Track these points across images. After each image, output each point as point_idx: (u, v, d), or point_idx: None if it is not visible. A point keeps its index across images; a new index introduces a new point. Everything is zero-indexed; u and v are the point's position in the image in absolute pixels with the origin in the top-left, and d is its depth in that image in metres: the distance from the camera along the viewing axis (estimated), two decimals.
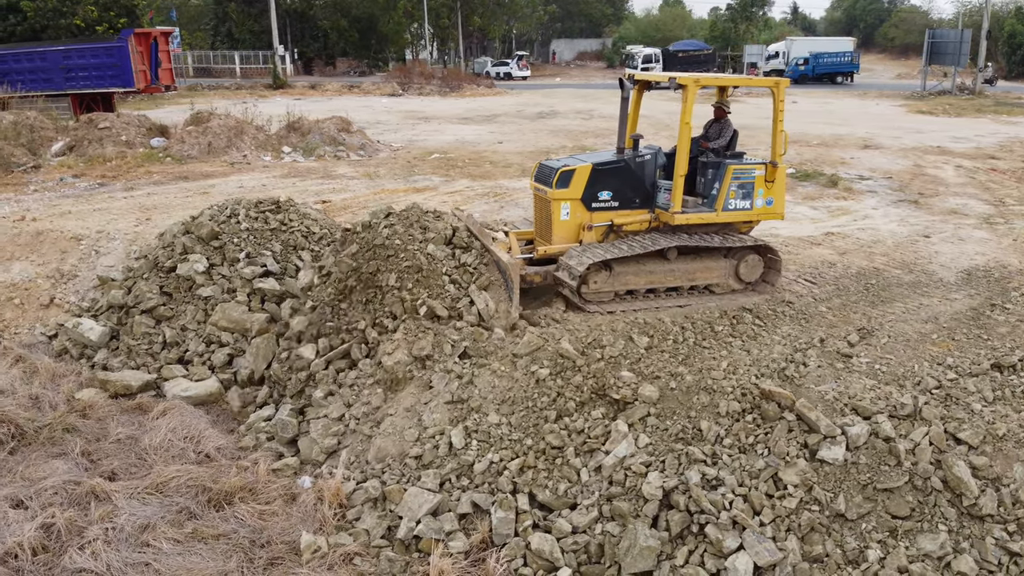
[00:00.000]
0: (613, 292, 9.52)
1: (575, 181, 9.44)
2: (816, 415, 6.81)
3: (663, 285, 9.71)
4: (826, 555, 6.24)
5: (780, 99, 9.89)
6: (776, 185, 9.93)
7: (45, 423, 8.98)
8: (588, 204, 9.59)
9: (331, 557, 6.84)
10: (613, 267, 9.38)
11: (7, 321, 11.94)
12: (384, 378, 8.54)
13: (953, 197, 16.86)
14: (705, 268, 9.84)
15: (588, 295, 9.38)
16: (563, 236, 9.68)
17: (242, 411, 9.43)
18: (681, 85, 9.38)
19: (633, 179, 9.73)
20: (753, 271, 10.04)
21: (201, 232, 11.13)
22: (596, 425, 7.37)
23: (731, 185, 9.66)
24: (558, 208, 9.53)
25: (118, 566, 6.74)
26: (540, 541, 6.67)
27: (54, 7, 37.40)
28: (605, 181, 9.58)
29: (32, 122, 22.30)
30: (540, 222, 10.12)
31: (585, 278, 9.22)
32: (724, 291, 9.93)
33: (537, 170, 9.99)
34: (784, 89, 9.98)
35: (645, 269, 9.59)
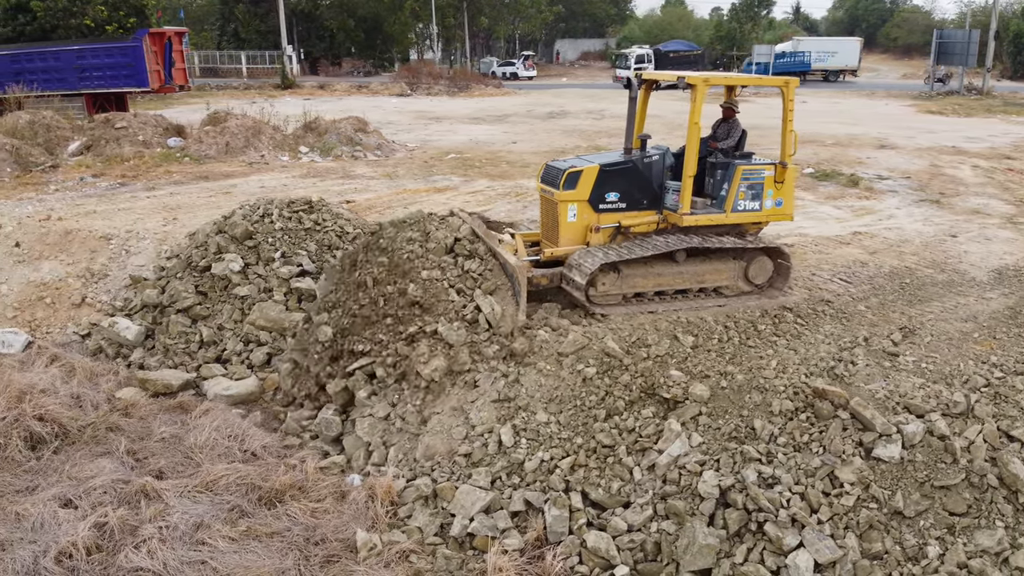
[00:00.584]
0: (621, 295, 9.38)
1: (582, 182, 9.28)
2: (871, 413, 6.83)
3: (672, 287, 9.56)
4: (885, 552, 6.27)
5: (790, 99, 9.74)
6: (786, 186, 9.77)
7: (88, 422, 9.02)
8: (595, 205, 9.43)
9: (387, 555, 6.86)
10: (621, 269, 9.24)
11: (39, 320, 11.97)
12: (423, 384, 8.53)
13: (974, 197, 16.89)
14: (714, 270, 9.70)
15: (596, 298, 9.23)
16: (570, 238, 9.51)
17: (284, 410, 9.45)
18: (691, 84, 9.22)
19: (641, 180, 9.56)
20: (763, 273, 9.89)
21: (235, 232, 11.15)
22: (647, 424, 7.39)
23: (740, 186, 9.52)
24: (565, 210, 9.37)
25: (175, 565, 6.76)
26: (596, 539, 6.69)
27: (64, 7, 37.38)
28: (612, 182, 9.42)
29: (48, 121, 22.30)
30: (547, 224, 9.93)
31: (593, 280, 9.08)
32: (733, 293, 9.78)
33: (544, 171, 9.83)
34: (794, 89, 9.82)
35: (653, 271, 9.43)
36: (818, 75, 58.18)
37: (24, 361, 10.61)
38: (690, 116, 9.24)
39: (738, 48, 66.65)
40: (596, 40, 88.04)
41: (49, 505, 7.57)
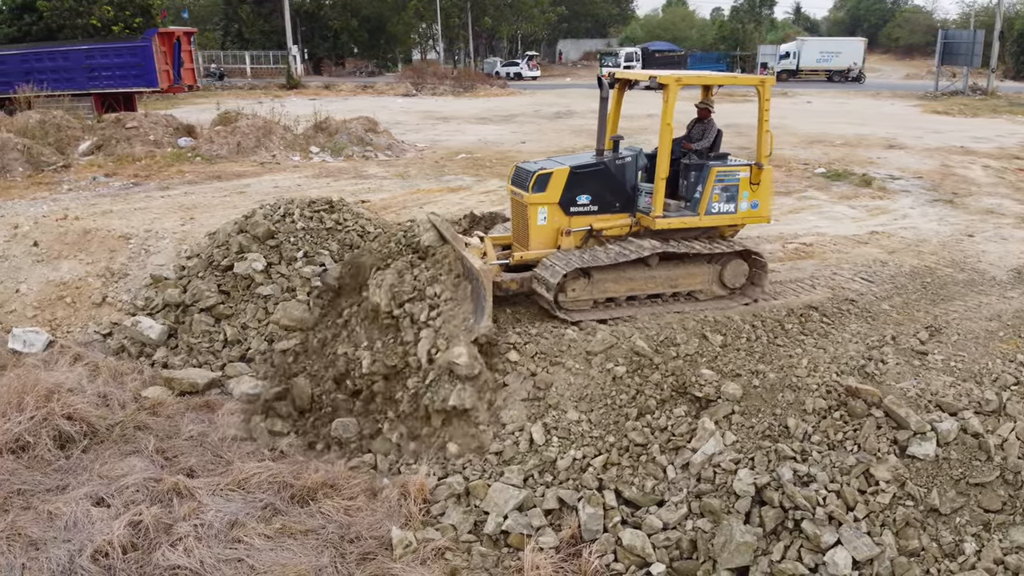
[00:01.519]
0: (592, 300, 9.19)
1: (552, 185, 9.04)
2: (906, 411, 6.86)
3: (644, 292, 9.35)
4: (922, 549, 6.30)
5: (766, 98, 9.47)
6: (762, 187, 9.54)
7: (116, 421, 9.05)
8: (566, 208, 9.19)
9: (423, 552, 6.88)
10: (592, 275, 9.04)
11: (59, 320, 11.98)
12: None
13: (987, 197, 16.92)
14: (688, 274, 9.48)
15: (566, 304, 9.05)
16: (540, 242, 9.28)
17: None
18: (662, 84, 8.99)
19: (613, 182, 9.33)
20: (738, 276, 9.68)
21: (257, 231, 11.17)
22: (680, 423, 7.42)
23: (715, 188, 9.30)
24: (535, 213, 9.12)
25: (211, 562, 6.78)
26: (631, 537, 6.72)
27: (70, 6, 37.45)
28: (584, 184, 9.17)
29: (59, 121, 22.32)
30: (517, 227, 9.68)
31: (563, 286, 8.91)
32: (708, 297, 9.60)
33: (514, 173, 9.56)
34: (770, 88, 9.55)
35: (625, 276, 9.19)
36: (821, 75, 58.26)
37: (47, 360, 10.62)
38: (662, 117, 9.01)
39: (741, 48, 66.74)
40: (598, 40, 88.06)
41: (81, 504, 7.59)
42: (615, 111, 9.99)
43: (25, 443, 8.47)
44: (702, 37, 76.50)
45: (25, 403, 8.87)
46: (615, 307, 9.26)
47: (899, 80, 62.00)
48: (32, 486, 8.07)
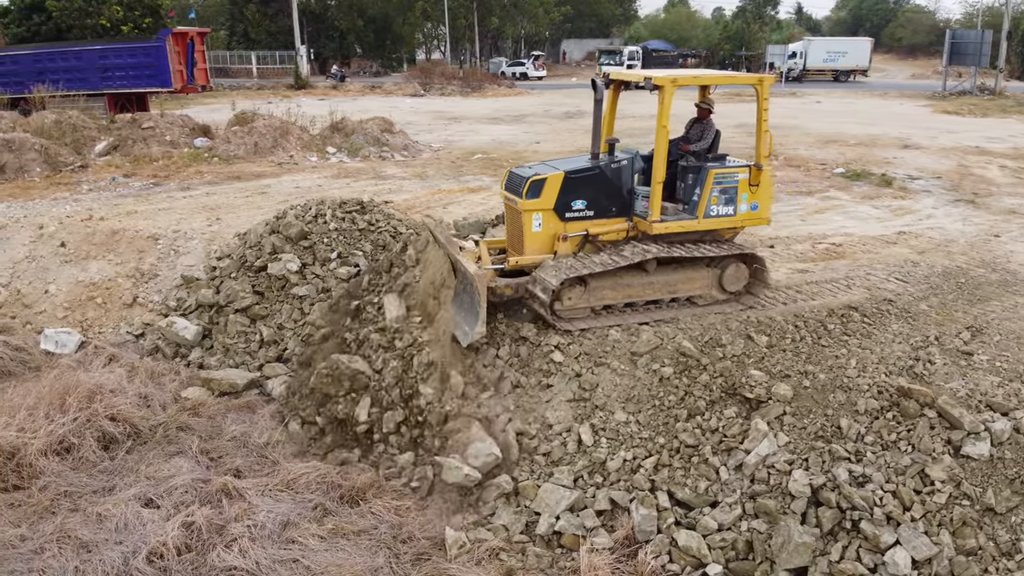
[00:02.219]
0: (589, 308, 8.92)
1: (547, 190, 8.73)
2: (959, 412, 6.88)
3: (642, 298, 9.07)
4: (979, 548, 6.33)
5: (764, 97, 9.18)
6: (761, 189, 9.23)
7: (159, 422, 9.07)
8: (561, 214, 8.89)
9: (477, 552, 6.90)
10: (589, 282, 8.76)
11: (90, 320, 11.99)
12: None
13: (1007, 197, 16.93)
14: (687, 279, 9.17)
15: (562, 312, 8.78)
16: (536, 247, 9.00)
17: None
18: (657, 86, 8.67)
19: (609, 186, 9.02)
20: (737, 280, 9.35)
21: (290, 232, 11.18)
22: (731, 424, 7.43)
23: (713, 190, 9.00)
24: (529, 219, 8.83)
25: (267, 563, 6.80)
26: (687, 538, 6.74)
27: (79, 7, 37.45)
28: (579, 189, 8.89)
29: (75, 121, 22.30)
30: (512, 233, 9.36)
31: (558, 295, 8.64)
32: (707, 302, 9.32)
33: (507, 178, 9.24)
34: (768, 87, 9.24)
35: (623, 283, 8.91)
36: (828, 75, 58.28)
37: (81, 361, 10.64)
38: (658, 119, 8.70)
39: (746, 48, 66.75)
40: (602, 40, 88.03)
41: (131, 505, 7.61)
42: (610, 113, 9.76)
43: (70, 444, 8.50)
44: (707, 37, 76.52)
45: (68, 404, 8.89)
46: (612, 314, 9.02)
47: (905, 80, 62.02)
48: (79, 488, 8.09)
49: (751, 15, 69.59)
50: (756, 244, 11.24)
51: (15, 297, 12.29)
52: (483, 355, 8.68)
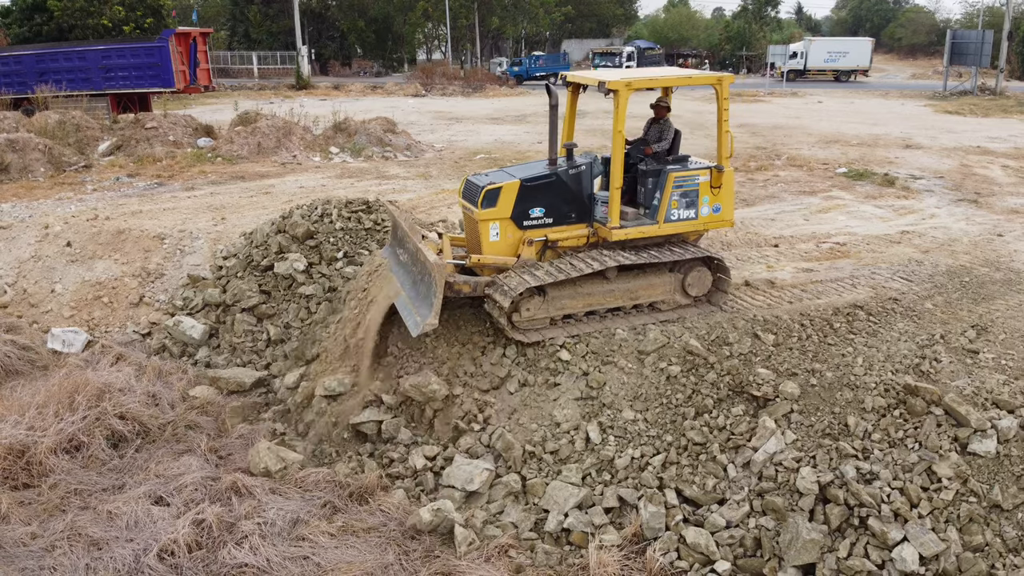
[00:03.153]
0: (549, 318, 8.75)
1: (503, 199, 8.56)
2: (966, 409, 6.92)
3: (604, 307, 8.90)
4: (986, 544, 6.36)
5: (724, 96, 8.91)
6: (724, 191, 9.06)
7: (167, 420, 9.10)
8: (519, 222, 8.71)
9: (486, 550, 6.94)
10: (548, 292, 8.59)
11: (96, 319, 12.04)
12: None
13: (1010, 197, 16.96)
14: (648, 285, 8.98)
15: (521, 323, 8.60)
16: (497, 252, 8.86)
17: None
18: (612, 90, 8.42)
19: (567, 193, 8.83)
20: (701, 285, 9.16)
21: (296, 232, 11.21)
22: (739, 422, 7.47)
23: (673, 194, 8.82)
24: (486, 229, 8.65)
25: (278, 560, 6.84)
26: (695, 535, 6.78)
27: (81, 7, 37.47)
28: (536, 197, 8.69)
29: (78, 121, 22.37)
30: (471, 241, 9.21)
31: (516, 306, 8.48)
32: (670, 307, 9.13)
33: (464, 186, 9.07)
34: (728, 86, 8.96)
35: (582, 291, 8.73)
36: (829, 75, 58.29)
37: (88, 360, 10.68)
38: (613, 124, 8.51)
39: (747, 48, 66.81)
40: (602, 40, 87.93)
41: (141, 503, 7.65)
42: (570, 116, 9.61)
43: (79, 443, 8.54)
44: (707, 37, 76.54)
45: (77, 403, 8.93)
46: (573, 323, 8.86)
47: (906, 80, 62.03)
48: (88, 486, 8.13)
49: (752, 15, 69.60)
50: (715, 246, 10.88)
51: (21, 296, 12.33)
52: (490, 354, 8.72)
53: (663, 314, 9.08)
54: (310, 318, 10.41)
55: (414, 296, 8.52)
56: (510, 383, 8.47)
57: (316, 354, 9.63)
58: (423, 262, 8.28)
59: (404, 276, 8.97)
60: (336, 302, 10.26)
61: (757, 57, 64.03)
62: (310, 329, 10.21)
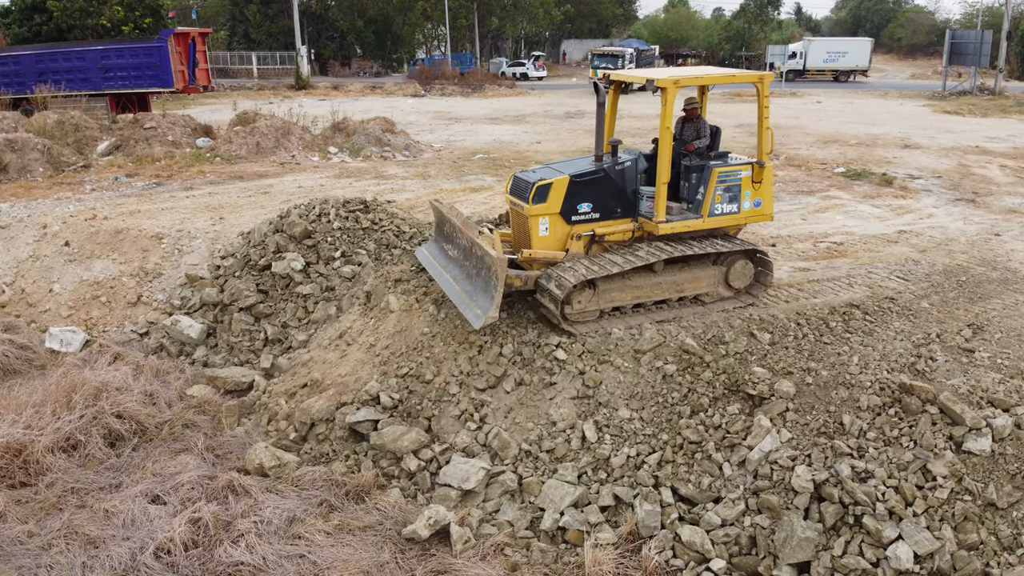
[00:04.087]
0: (599, 310, 8.93)
1: (552, 195, 8.76)
2: (961, 408, 6.93)
3: (651, 299, 9.10)
4: (981, 543, 6.38)
5: (765, 95, 9.23)
6: (764, 186, 9.33)
7: (165, 419, 9.11)
8: (568, 217, 8.93)
9: (481, 548, 6.95)
10: (598, 285, 8.77)
11: (94, 319, 12.05)
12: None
13: (1008, 196, 16.98)
14: (693, 278, 9.22)
15: (572, 316, 8.76)
16: (546, 247, 9.04)
17: None
18: (660, 87, 8.70)
19: (613, 188, 9.06)
20: (744, 277, 9.42)
21: (294, 231, 11.23)
22: (734, 420, 7.48)
23: (717, 189, 9.08)
24: (536, 224, 8.85)
25: (274, 559, 6.85)
26: (690, 533, 6.79)
27: (80, 7, 37.47)
28: (584, 193, 8.91)
29: (77, 121, 22.38)
30: (518, 236, 9.38)
31: (568, 298, 8.65)
32: (713, 300, 9.36)
33: (512, 183, 9.25)
34: (768, 84, 9.27)
35: (631, 284, 8.93)
36: (828, 75, 58.27)
37: (86, 359, 10.69)
38: (661, 120, 8.71)
39: (746, 48, 66.79)
40: (601, 41, 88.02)
41: (138, 501, 7.67)
42: (611, 114, 9.77)
43: (76, 442, 8.55)
44: (707, 38, 76.53)
45: (74, 402, 8.95)
46: (621, 316, 9.03)
47: (905, 80, 62.04)
48: (85, 484, 8.15)
49: (752, 15, 69.58)
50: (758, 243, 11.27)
51: (20, 296, 12.35)
52: (486, 352, 8.73)
53: (707, 306, 9.28)
54: (307, 317, 10.42)
55: (471, 289, 8.70)
56: (507, 382, 8.47)
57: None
58: (481, 256, 8.51)
59: (456, 270, 9.19)
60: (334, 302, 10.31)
61: (756, 57, 63.97)
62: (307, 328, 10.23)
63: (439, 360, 8.72)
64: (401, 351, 8.90)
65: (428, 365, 8.70)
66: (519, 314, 9.12)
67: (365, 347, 9.18)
